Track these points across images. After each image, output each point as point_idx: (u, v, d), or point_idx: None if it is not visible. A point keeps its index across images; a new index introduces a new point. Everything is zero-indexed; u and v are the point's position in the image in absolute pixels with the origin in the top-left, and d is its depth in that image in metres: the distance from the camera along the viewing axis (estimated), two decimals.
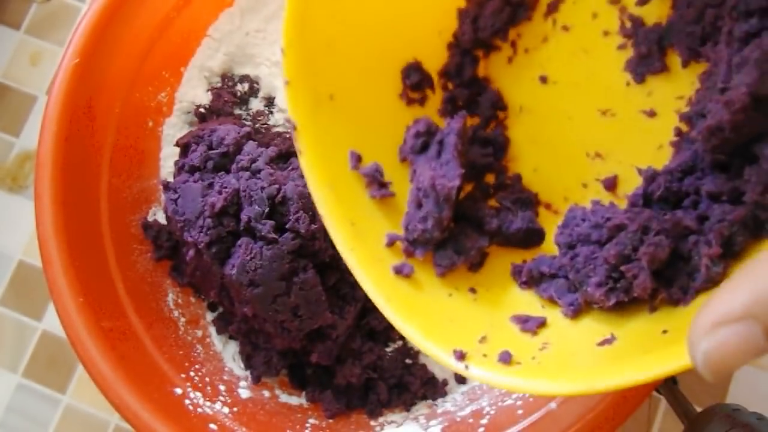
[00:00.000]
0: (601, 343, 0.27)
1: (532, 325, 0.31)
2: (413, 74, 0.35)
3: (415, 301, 0.31)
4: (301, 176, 0.41)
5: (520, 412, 0.41)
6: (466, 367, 0.28)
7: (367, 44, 0.33)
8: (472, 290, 0.33)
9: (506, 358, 0.28)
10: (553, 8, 0.34)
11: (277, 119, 0.47)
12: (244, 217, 0.40)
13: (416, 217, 0.32)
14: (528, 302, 0.32)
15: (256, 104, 0.48)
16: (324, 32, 0.32)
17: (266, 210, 0.39)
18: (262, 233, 0.39)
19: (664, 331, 0.26)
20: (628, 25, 0.32)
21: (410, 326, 0.30)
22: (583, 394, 0.26)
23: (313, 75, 0.32)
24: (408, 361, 0.45)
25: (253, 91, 0.48)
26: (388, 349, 0.46)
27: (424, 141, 0.33)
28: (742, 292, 0.19)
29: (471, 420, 0.42)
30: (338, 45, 0.33)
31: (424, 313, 0.31)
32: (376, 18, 0.33)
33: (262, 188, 0.40)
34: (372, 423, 0.44)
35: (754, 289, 0.19)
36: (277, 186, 0.40)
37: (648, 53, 0.31)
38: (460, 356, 0.29)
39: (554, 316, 0.31)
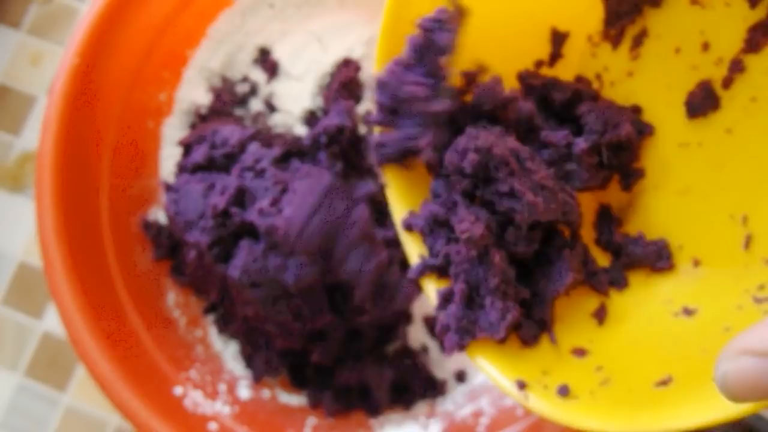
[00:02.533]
0: (659, 384, 0.28)
1: (583, 355, 0.31)
2: None
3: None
4: (309, 175, 0.41)
5: (520, 412, 0.41)
6: (526, 397, 0.29)
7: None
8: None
9: (564, 392, 0.29)
10: (638, 43, 0.35)
11: (276, 120, 0.48)
12: (247, 217, 0.40)
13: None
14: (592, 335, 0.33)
15: (257, 105, 0.48)
16: None
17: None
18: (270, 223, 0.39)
19: None
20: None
21: (480, 354, 0.31)
22: None
23: None
24: (408, 361, 0.45)
25: (254, 92, 0.48)
26: (389, 349, 0.46)
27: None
28: None
29: (471, 420, 0.42)
30: None
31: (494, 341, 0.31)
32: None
33: (266, 188, 0.40)
34: (372, 422, 0.44)
35: None
36: (281, 186, 0.40)
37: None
38: (522, 386, 0.29)
39: (611, 350, 0.32)
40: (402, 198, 0.34)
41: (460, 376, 0.45)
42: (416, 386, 0.44)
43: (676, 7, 0.34)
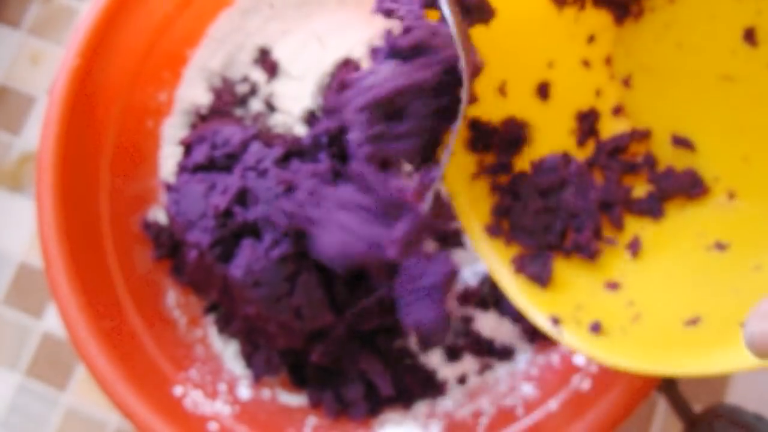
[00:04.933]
0: (688, 323, 0.29)
1: (616, 289, 0.33)
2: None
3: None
4: (313, 175, 0.41)
5: (519, 411, 0.41)
6: (560, 332, 0.31)
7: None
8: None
9: (596, 329, 0.30)
10: None
11: (276, 120, 0.48)
12: (250, 216, 0.40)
13: None
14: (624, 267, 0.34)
15: (257, 105, 0.48)
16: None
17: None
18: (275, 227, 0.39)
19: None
20: None
21: (516, 288, 0.32)
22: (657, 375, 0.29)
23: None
24: (408, 361, 0.45)
25: (254, 92, 0.48)
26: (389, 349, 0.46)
27: None
28: None
29: (471, 420, 0.43)
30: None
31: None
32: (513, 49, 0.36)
33: (269, 188, 0.40)
34: (372, 422, 0.44)
35: None
36: (284, 186, 0.40)
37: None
38: (556, 321, 0.31)
39: (643, 284, 0.33)
40: None
41: (461, 378, 0.45)
42: (416, 386, 0.44)
43: None
